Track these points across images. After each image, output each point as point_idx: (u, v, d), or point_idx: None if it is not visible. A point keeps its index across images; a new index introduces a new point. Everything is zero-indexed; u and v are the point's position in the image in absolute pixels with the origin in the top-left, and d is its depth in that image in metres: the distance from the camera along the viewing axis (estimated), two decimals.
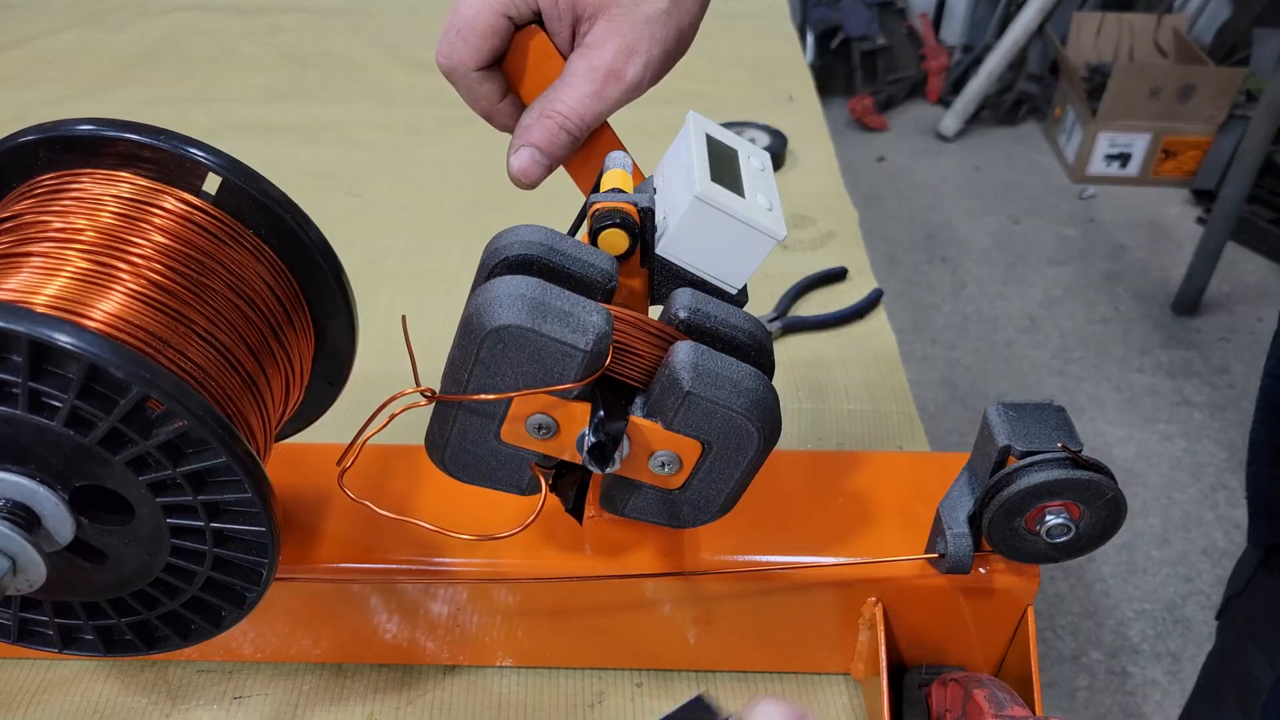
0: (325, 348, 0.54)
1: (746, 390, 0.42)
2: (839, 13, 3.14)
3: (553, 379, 0.41)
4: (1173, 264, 2.56)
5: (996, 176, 2.96)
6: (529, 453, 0.45)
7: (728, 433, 0.42)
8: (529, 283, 0.41)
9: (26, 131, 0.47)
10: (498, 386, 0.42)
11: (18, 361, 0.38)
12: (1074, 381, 2.25)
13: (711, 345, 0.43)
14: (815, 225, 1.02)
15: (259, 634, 0.59)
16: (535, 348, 0.40)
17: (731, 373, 0.42)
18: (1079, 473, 0.47)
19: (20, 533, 0.41)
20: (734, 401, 0.41)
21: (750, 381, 0.42)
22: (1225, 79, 2.68)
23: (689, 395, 0.41)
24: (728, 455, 0.43)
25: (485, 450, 0.45)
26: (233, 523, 0.44)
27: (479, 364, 0.41)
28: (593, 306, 0.41)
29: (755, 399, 0.42)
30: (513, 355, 0.41)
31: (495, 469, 0.46)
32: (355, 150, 1.14)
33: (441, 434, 0.45)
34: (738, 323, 0.44)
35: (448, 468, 0.47)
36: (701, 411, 0.42)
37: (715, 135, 0.48)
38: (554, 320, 0.40)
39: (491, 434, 0.44)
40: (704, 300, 0.44)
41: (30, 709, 0.58)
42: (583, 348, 0.40)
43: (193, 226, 0.46)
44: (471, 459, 0.46)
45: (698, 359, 0.41)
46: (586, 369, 0.41)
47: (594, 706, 0.59)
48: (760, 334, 0.45)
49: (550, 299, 0.40)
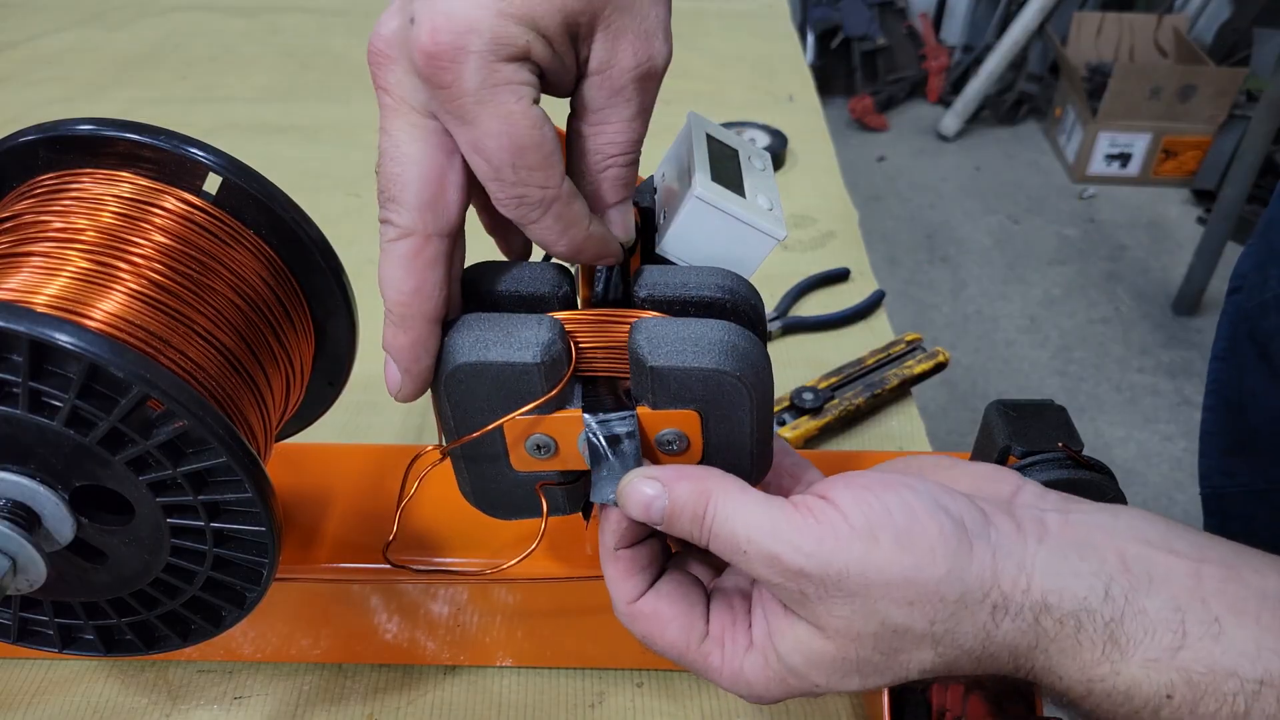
0: (325, 348, 0.54)
1: (712, 344, 0.40)
2: (839, 12, 3.14)
3: (523, 399, 0.41)
4: (1173, 264, 2.56)
5: (997, 176, 2.96)
6: (546, 474, 0.45)
7: (711, 391, 0.41)
8: (468, 319, 0.41)
9: (26, 131, 0.47)
10: (479, 424, 0.42)
11: (18, 361, 0.38)
12: (1074, 381, 2.25)
13: (684, 312, 0.42)
14: (815, 225, 1.02)
15: (259, 634, 0.59)
16: (492, 376, 0.40)
17: (690, 332, 0.40)
18: (1079, 473, 0.47)
19: (20, 532, 0.41)
20: (701, 360, 0.40)
21: (715, 334, 0.40)
22: (1225, 79, 2.68)
23: (652, 370, 0.40)
24: (724, 413, 0.42)
25: (508, 485, 0.45)
26: (233, 523, 0.44)
27: (455, 408, 0.41)
28: (534, 319, 0.41)
29: (724, 349, 0.40)
30: (478, 390, 0.41)
31: (526, 499, 0.46)
32: (355, 150, 1.14)
33: (466, 483, 0.46)
34: (701, 281, 0.42)
35: (486, 511, 0.47)
36: (675, 381, 0.40)
37: (715, 135, 0.47)
38: (497, 346, 0.40)
39: (505, 468, 0.44)
40: (663, 272, 0.43)
41: (30, 709, 0.58)
42: (532, 361, 0.40)
43: (193, 226, 0.46)
44: (500, 497, 0.46)
45: (651, 332, 0.40)
46: (549, 380, 0.40)
47: (594, 706, 0.59)
48: (729, 283, 0.43)
49: (489, 328, 0.40)
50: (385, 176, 0.39)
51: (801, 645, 0.38)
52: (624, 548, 0.42)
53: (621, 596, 0.42)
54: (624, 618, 0.42)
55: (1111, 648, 0.34)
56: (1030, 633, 0.35)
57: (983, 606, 0.35)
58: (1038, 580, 0.35)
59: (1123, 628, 0.34)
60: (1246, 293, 0.74)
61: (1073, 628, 0.35)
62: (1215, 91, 2.69)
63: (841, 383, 0.80)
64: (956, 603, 0.35)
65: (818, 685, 0.39)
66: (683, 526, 0.39)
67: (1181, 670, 0.34)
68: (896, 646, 0.36)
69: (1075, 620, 0.35)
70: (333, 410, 0.59)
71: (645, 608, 0.42)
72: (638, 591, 0.42)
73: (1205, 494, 0.79)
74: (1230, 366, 0.76)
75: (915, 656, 0.37)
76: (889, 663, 0.37)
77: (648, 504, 0.39)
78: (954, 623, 0.36)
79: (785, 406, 0.78)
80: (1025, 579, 0.35)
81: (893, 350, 0.83)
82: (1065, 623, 0.35)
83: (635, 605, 0.42)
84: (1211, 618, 0.34)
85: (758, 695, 0.40)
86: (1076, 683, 0.35)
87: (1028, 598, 0.35)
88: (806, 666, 0.38)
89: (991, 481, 0.42)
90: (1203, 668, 0.34)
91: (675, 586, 0.42)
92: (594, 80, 0.38)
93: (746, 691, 0.40)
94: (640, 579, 0.42)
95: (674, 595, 0.42)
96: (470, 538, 0.55)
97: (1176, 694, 0.34)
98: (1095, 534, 0.37)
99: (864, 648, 0.37)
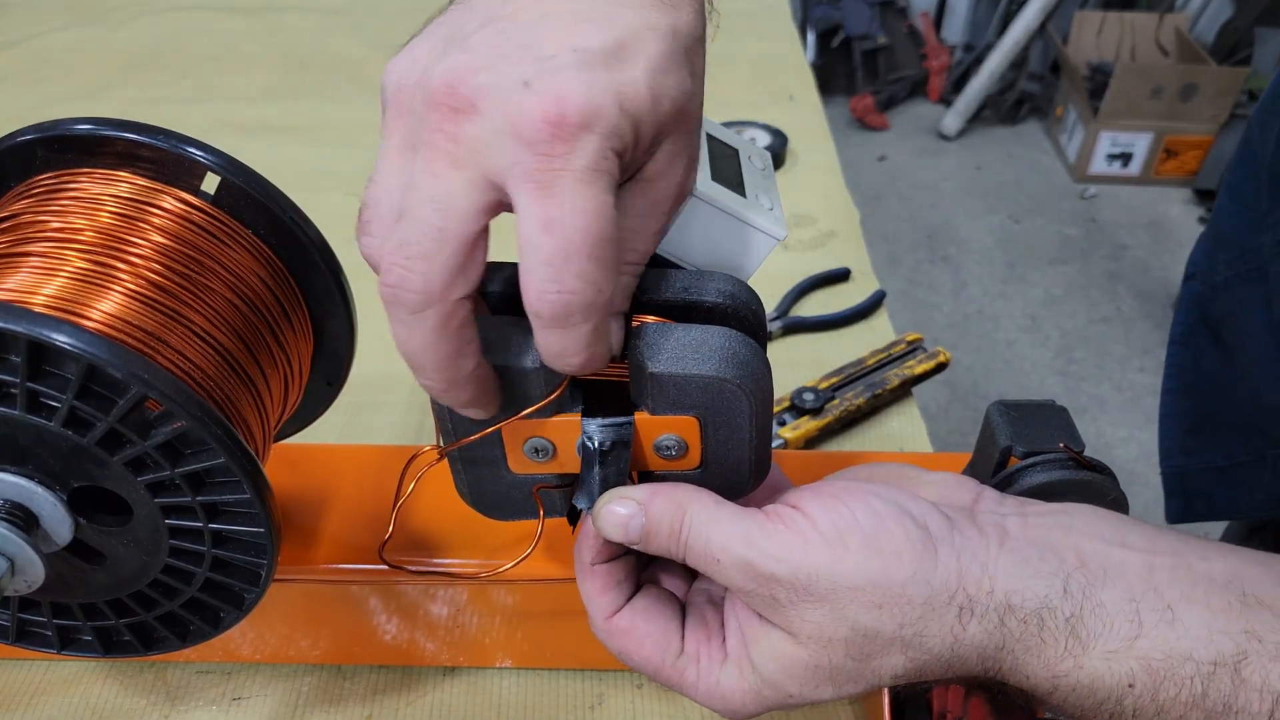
0: (324, 348, 0.54)
1: (712, 351, 0.40)
2: (840, 11, 3.14)
3: (524, 404, 0.41)
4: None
5: (998, 176, 2.96)
6: (544, 477, 0.45)
7: (710, 398, 0.41)
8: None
9: (25, 131, 0.46)
10: (480, 426, 0.42)
11: (16, 362, 0.38)
12: (1075, 381, 2.25)
13: (685, 317, 0.42)
14: (816, 225, 1.02)
15: (258, 635, 0.59)
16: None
17: (691, 338, 0.40)
18: (1081, 473, 0.47)
19: (19, 533, 0.41)
20: (701, 367, 0.40)
21: (715, 340, 0.40)
22: (1227, 78, 2.68)
23: (653, 376, 0.40)
24: (723, 419, 0.42)
25: (506, 487, 0.45)
26: (231, 523, 0.44)
27: (453, 412, 0.41)
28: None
29: (724, 356, 0.40)
30: None
31: (524, 501, 0.46)
32: (355, 150, 1.14)
33: (463, 484, 0.46)
34: (703, 286, 0.42)
35: (483, 512, 0.47)
36: (674, 387, 0.40)
37: (716, 134, 0.47)
38: (497, 350, 0.40)
39: (503, 471, 0.44)
40: (663, 275, 0.43)
41: (28, 710, 0.58)
42: (531, 365, 0.39)
43: (191, 226, 0.46)
44: (498, 499, 0.46)
45: (651, 337, 0.40)
46: (548, 384, 0.40)
47: (594, 708, 0.59)
48: (729, 288, 0.42)
49: (489, 329, 0.40)
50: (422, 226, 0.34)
51: (775, 652, 0.39)
52: (600, 563, 0.42)
53: (598, 612, 0.42)
54: (600, 633, 0.43)
55: (1074, 643, 0.36)
56: (997, 634, 0.36)
57: (949, 609, 0.37)
58: (1001, 582, 0.37)
59: (1083, 622, 0.36)
60: (1199, 279, 0.76)
61: (1036, 626, 0.36)
62: (1217, 91, 2.69)
63: (842, 383, 0.80)
64: (924, 605, 0.37)
65: (791, 696, 0.39)
66: (659, 543, 0.40)
67: (1140, 659, 0.35)
68: (868, 651, 0.37)
69: (1038, 619, 0.36)
70: (332, 410, 0.59)
71: (622, 623, 0.42)
72: (614, 607, 0.42)
73: (1166, 473, 0.81)
74: (1187, 350, 0.79)
75: (886, 662, 0.38)
76: (861, 669, 0.38)
77: (625, 523, 0.40)
78: (922, 625, 0.37)
79: (785, 407, 0.78)
80: (989, 581, 0.37)
81: (893, 350, 0.83)
82: (1029, 622, 0.36)
83: (612, 621, 0.42)
84: (1165, 605, 0.36)
85: (733, 710, 0.41)
86: (1043, 680, 0.36)
87: (992, 599, 0.36)
88: (781, 675, 0.39)
89: (953, 489, 0.43)
90: (1160, 654, 0.35)
91: (651, 603, 0.43)
92: (639, 187, 0.37)
93: (722, 706, 0.41)
94: (616, 594, 0.42)
95: (650, 612, 0.42)
96: (469, 539, 0.55)
97: (1138, 683, 0.35)
98: (1053, 534, 0.38)
99: (836, 653, 0.38)
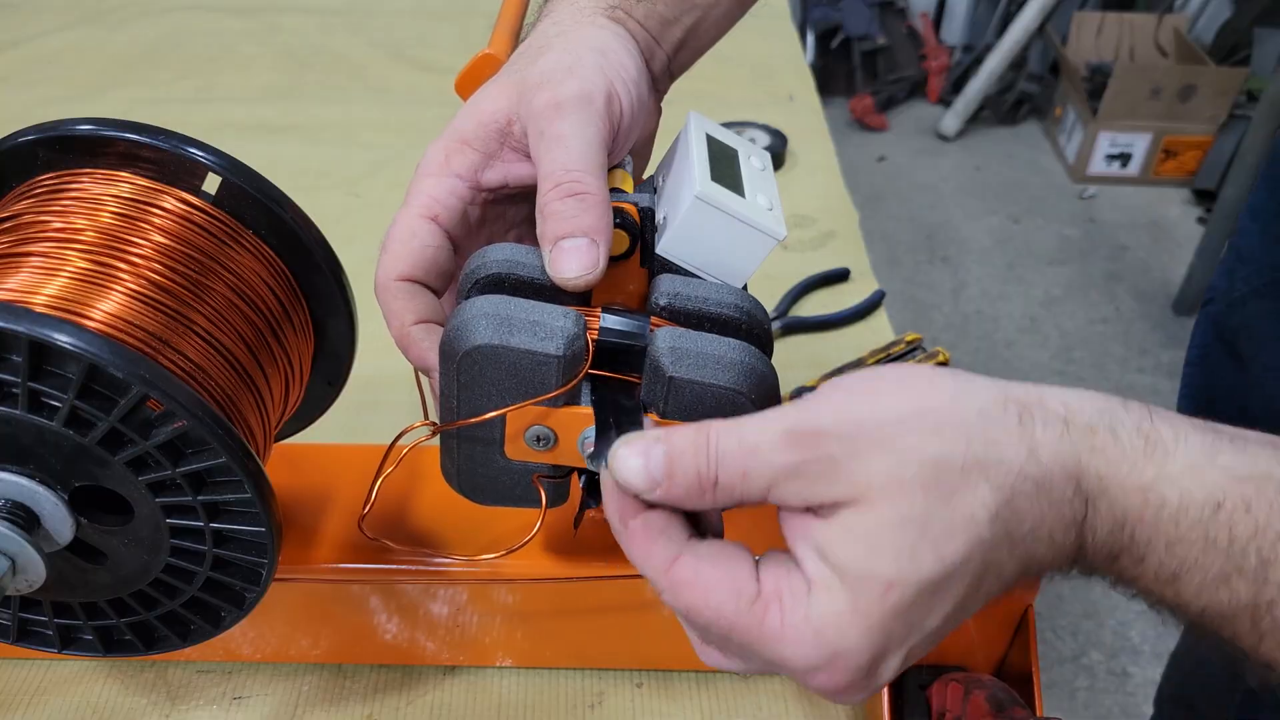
0: (325, 347, 0.54)
1: (732, 363, 0.41)
2: (839, 12, 3.13)
3: (535, 390, 0.41)
4: (1174, 264, 2.56)
5: (997, 176, 2.96)
6: (537, 466, 0.45)
7: (722, 408, 0.41)
8: (494, 300, 0.41)
9: (26, 131, 0.47)
10: (485, 407, 0.42)
11: (17, 361, 0.38)
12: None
13: (700, 327, 0.42)
14: (815, 225, 1.02)
15: (259, 634, 0.59)
16: (510, 362, 0.40)
17: (714, 349, 0.41)
18: None
19: (20, 533, 0.41)
20: (720, 377, 0.41)
21: (735, 354, 0.41)
22: (1226, 79, 2.68)
23: (672, 380, 0.40)
24: None
25: (495, 470, 0.45)
26: (232, 523, 0.44)
27: (462, 389, 0.41)
28: (560, 311, 0.41)
29: (743, 370, 0.41)
30: (491, 374, 0.41)
31: (511, 487, 0.46)
32: (355, 150, 1.14)
33: (452, 463, 0.46)
34: (722, 299, 0.43)
35: (465, 494, 0.47)
36: (690, 394, 0.41)
37: (715, 135, 0.47)
38: (523, 332, 0.40)
39: (497, 454, 0.44)
40: (684, 283, 0.43)
41: (29, 709, 0.58)
42: (555, 353, 0.40)
43: (192, 226, 0.46)
44: (485, 482, 0.46)
45: (675, 343, 0.41)
46: (565, 374, 0.41)
47: (594, 707, 0.59)
48: (747, 305, 0.43)
49: (516, 312, 0.40)
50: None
51: (855, 533, 0.33)
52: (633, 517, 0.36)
53: (656, 569, 0.36)
54: (665, 592, 0.36)
55: (1152, 449, 0.33)
56: (1067, 441, 0.33)
57: (1007, 415, 0.34)
58: (1051, 395, 0.34)
59: (1156, 429, 0.33)
60: (1218, 303, 0.78)
61: (1107, 432, 0.33)
62: (1216, 91, 2.69)
63: None
64: (978, 414, 0.34)
65: (891, 584, 0.33)
66: (686, 465, 0.35)
67: (1225, 470, 0.32)
68: (947, 487, 0.33)
69: (1108, 426, 0.33)
70: (332, 410, 0.59)
71: (684, 573, 0.35)
72: (670, 555, 0.36)
73: None
74: (1202, 370, 0.80)
75: (972, 496, 0.33)
76: (950, 515, 0.33)
77: (644, 452, 0.35)
78: (987, 435, 0.33)
79: None
80: (1037, 393, 0.34)
81: (893, 350, 0.83)
82: (1097, 431, 0.33)
83: (673, 572, 0.35)
84: (1230, 435, 0.34)
85: (832, 648, 0.34)
86: (1134, 500, 0.33)
87: (1046, 408, 0.34)
88: (870, 557, 0.33)
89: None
90: (1244, 470, 0.32)
91: (716, 548, 0.36)
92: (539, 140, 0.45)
93: (818, 648, 0.34)
94: (665, 541, 0.36)
95: (716, 556, 0.36)
96: (465, 535, 0.55)
97: (1227, 499, 0.32)
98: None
99: (915, 498, 0.33)
